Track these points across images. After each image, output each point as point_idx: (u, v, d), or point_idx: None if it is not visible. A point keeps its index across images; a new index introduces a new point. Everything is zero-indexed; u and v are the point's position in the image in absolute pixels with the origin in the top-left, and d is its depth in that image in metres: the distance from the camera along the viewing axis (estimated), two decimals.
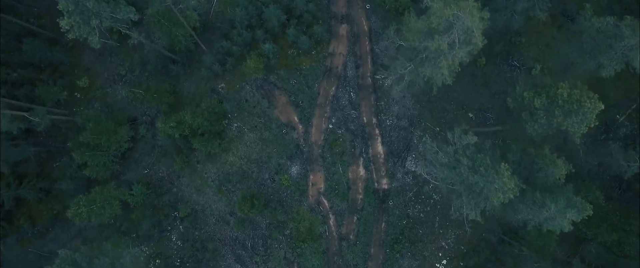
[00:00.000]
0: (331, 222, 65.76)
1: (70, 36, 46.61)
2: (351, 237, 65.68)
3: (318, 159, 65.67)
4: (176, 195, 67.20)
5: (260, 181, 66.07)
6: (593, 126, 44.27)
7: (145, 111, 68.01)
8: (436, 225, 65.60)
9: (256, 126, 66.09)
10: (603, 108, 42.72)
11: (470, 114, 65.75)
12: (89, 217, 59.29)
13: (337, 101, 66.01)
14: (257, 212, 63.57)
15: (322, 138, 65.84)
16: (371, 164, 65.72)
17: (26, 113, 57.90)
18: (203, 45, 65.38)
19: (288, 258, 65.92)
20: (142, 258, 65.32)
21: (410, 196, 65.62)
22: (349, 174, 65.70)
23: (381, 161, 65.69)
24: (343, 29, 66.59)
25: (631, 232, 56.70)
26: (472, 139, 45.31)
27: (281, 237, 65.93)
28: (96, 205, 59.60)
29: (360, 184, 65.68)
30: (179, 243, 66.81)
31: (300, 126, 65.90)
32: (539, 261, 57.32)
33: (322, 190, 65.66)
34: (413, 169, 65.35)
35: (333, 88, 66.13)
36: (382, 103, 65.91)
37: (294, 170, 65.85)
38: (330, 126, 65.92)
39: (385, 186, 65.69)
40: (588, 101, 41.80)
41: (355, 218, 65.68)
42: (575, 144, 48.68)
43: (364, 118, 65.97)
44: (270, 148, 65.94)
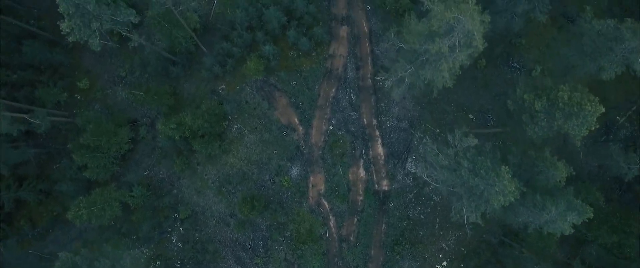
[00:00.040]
0: (331, 224, 65.76)
1: (70, 39, 46.57)
2: (351, 239, 65.67)
3: (318, 160, 65.65)
4: (176, 196, 67.17)
5: (260, 182, 66.04)
6: (593, 128, 44.17)
7: (145, 112, 67.96)
8: (436, 226, 65.60)
9: (256, 128, 66.04)
10: (603, 111, 42.65)
11: (470, 116, 65.71)
12: (89, 219, 59.24)
13: (338, 103, 65.97)
14: (258, 214, 63.54)
15: (323, 139, 65.81)
16: (371, 165, 65.70)
17: (26, 115, 57.78)
18: (203, 46, 65.32)
19: (288, 259, 65.92)
20: (143, 259, 65.27)
21: (410, 198, 65.61)
22: (349, 175, 65.69)
23: (381, 162, 65.66)
24: (343, 31, 66.53)
25: (631, 234, 56.62)
26: (473, 141, 45.24)
27: (281, 239, 65.92)
28: (96, 206, 59.57)
29: (360, 185, 65.67)
30: (180, 244, 66.80)
31: (300, 128, 65.86)
32: (540, 263, 57.34)
33: (323, 191, 65.64)
34: (413, 170, 65.34)
35: (333, 90, 66.08)
36: (383, 104, 65.89)
37: (294, 171, 65.83)
38: (330, 127, 65.89)
39: (385, 188, 65.67)
40: (588, 104, 41.73)
41: (355, 219, 65.67)
42: (575, 146, 48.49)
43: (364, 120, 65.94)
44: (270, 149, 65.91)
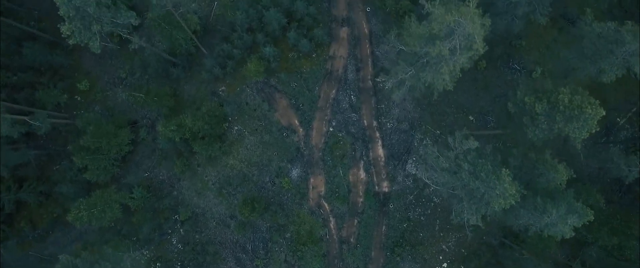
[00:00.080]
0: (332, 225, 65.76)
1: (71, 42, 46.48)
2: (352, 240, 65.68)
3: (318, 162, 65.64)
4: (177, 198, 67.16)
5: (260, 184, 66.03)
6: (594, 131, 44.14)
7: (145, 114, 67.93)
8: (437, 228, 65.61)
9: (257, 129, 66.02)
10: (604, 114, 42.61)
11: (470, 117, 65.69)
12: (90, 221, 59.21)
13: (338, 104, 65.95)
14: (258, 215, 63.52)
15: (323, 141, 65.79)
16: (372, 167, 65.70)
17: (26, 117, 57.70)
18: (203, 48, 65.29)
19: (289, 261, 65.93)
20: (143, 261, 65.32)
21: (410, 199, 65.61)
22: (350, 177, 65.68)
23: (382, 164, 65.66)
24: (344, 32, 66.49)
25: (632, 236, 56.60)
26: (473, 144, 45.16)
27: (282, 240, 65.92)
28: (97, 208, 59.55)
29: (360, 187, 65.66)
30: (180, 246, 66.80)
31: (300, 129, 65.84)
32: (540, 264, 57.30)
33: (323, 193, 65.64)
34: (413, 172, 65.34)
35: (334, 91, 66.06)
36: (383, 106, 65.86)
37: (295, 173, 65.82)
38: (330, 129, 65.86)
39: (385, 189, 65.67)
40: (589, 107, 41.65)
41: (355, 221, 65.67)
42: (575, 147, 48.42)
43: (365, 121, 65.92)
44: (270, 151, 65.89)
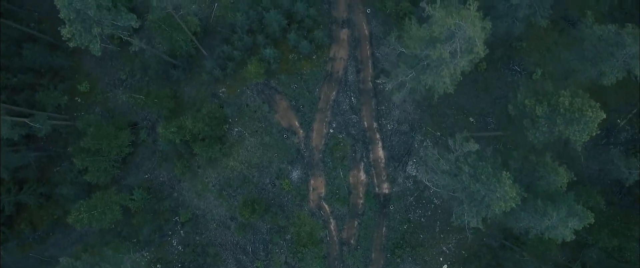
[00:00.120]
0: (332, 227, 65.76)
1: (71, 45, 46.39)
2: (352, 242, 65.69)
3: (319, 163, 65.63)
4: (177, 199, 67.14)
5: (261, 185, 66.03)
6: (594, 134, 44.12)
7: (146, 115, 67.91)
8: (437, 229, 65.61)
9: (257, 131, 66.00)
10: (605, 117, 42.55)
11: (471, 119, 65.68)
12: (90, 223, 59.25)
13: (338, 106, 65.93)
14: (258, 217, 63.51)
15: (323, 142, 65.79)
16: (372, 168, 65.70)
17: (27, 119, 57.70)
18: (204, 50, 65.26)
19: (289, 263, 65.93)
20: (143, 263, 65.32)
21: (411, 201, 65.61)
22: (350, 178, 65.67)
23: (382, 165, 65.65)
24: (344, 34, 66.47)
25: (632, 237, 56.57)
26: (474, 147, 45.15)
27: (282, 242, 65.92)
28: (97, 210, 59.55)
29: (361, 188, 65.66)
30: (180, 248, 66.79)
31: (301, 131, 65.83)
32: (540, 266, 57.37)
33: (323, 194, 65.64)
34: (414, 174, 65.33)
35: (334, 93, 66.04)
36: (383, 107, 65.85)
37: (295, 174, 65.82)
38: (331, 130, 65.85)
39: (386, 191, 65.68)
40: (590, 110, 41.60)
41: (356, 222, 65.68)
42: (576, 149, 48.41)
43: (365, 123, 65.91)
44: (271, 152, 65.88)
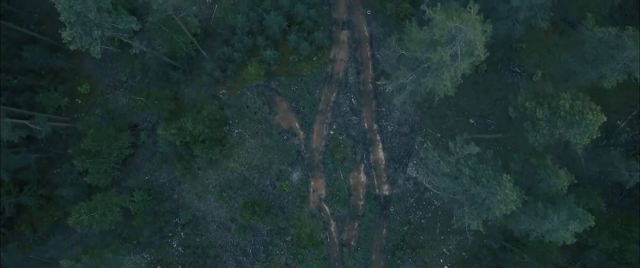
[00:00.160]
0: (332, 228, 65.76)
1: (72, 48, 46.36)
2: (352, 243, 65.69)
3: (319, 165, 65.61)
4: (177, 201, 67.13)
5: (261, 187, 66.03)
6: (595, 137, 44.06)
7: (146, 117, 67.89)
8: (437, 231, 65.59)
9: (257, 133, 65.99)
10: (605, 120, 42.46)
11: (471, 121, 65.66)
12: (90, 224, 59.24)
13: (338, 107, 65.91)
14: (258, 218, 63.52)
15: (323, 144, 65.77)
16: (372, 170, 65.69)
17: (27, 121, 57.70)
18: (204, 51, 65.23)
19: (289, 264, 65.93)
20: (144, 265, 65.30)
21: (411, 203, 65.60)
22: (350, 180, 65.66)
23: (382, 167, 65.64)
24: (344, 35, 66.45)
25: (632, 239, 56.54)
26: (474, 149, 45.04)
27: (282, 243, 65.92)
28: (97, 212, 59.54)
29: (361, 190, 65.65)
30: (180, 249, 66.78)
31: (301, 132, 65.81)
32: None
33: (323, 196, 65.63)
34: (414, 175, 65.32)
35: (334, 94, 66.02)
36: (383, 109, 65.84)
37: (295, 176, 65.80)
38: (331, 132, 65.83)
39: (386, 193, 65.66)
40: (590, 113, 41.49)
41: (356, 224, 65.68)
42: (576, 151, 48.34)
43: (365, 124, 65.89)
44: (271, 154, 65.87)
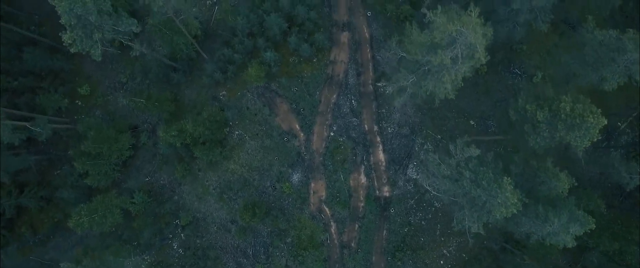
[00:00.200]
0: (332, 230, 65.76)
1: (72, 50, 46.27)
2: (353, 245, 65.69)
3: (319, 167, 65.61)
4: (177, 203, 67.13)
5: (261, 189, 66.02)
6: (595, 139, 44.06)
7: (146, 119, 67.87)
8: (438, 232, 65.60)
9: (257, 134, 65.98)
10: (606, 123, 42.42)
11: (471, 122, 65.66)
12: (91, 226, 59.16)
13: (339, 109, 65.90)
14: (259, 220, 63.51)
15: (324, 145, 65.75)
16: (372, 171, 65.69)
17: (27, 123, 57.65)
18: (204, 53, 65.18)
19: (289, 266, 65.94)
20: (144, 266, 65.34)
21: (411, 204, 65.60)
22: (351, 182, 65.65)
23: (382, 168, 65.64)
24: (344, 37, 66.42)
25: (632, 241, 56.61)
26: (475, 152, 45.06)
27: (283, 245, 65.93)
28: (97, 213, 59.47)
29: (361, 192, 65.65)
30: (181, 251, 66.78)
31: (301, 134, 65.81)
32: None
33: (324, 197, 65.63)
34: (414, 177, 65.33)
35: (334, 96, 66.00)
36: (384, 110, 65.83)
37: (296, 177, 65.80)
38: (331, 133, 65.83)
39: (386, 194, 65.66)
40: (591, 116, 41.47)
41: (356, 225, 65.68)
42: (577, 153, 48.32)
43: (366, 126, 65.89)
44: (271, 155, 65.86)
